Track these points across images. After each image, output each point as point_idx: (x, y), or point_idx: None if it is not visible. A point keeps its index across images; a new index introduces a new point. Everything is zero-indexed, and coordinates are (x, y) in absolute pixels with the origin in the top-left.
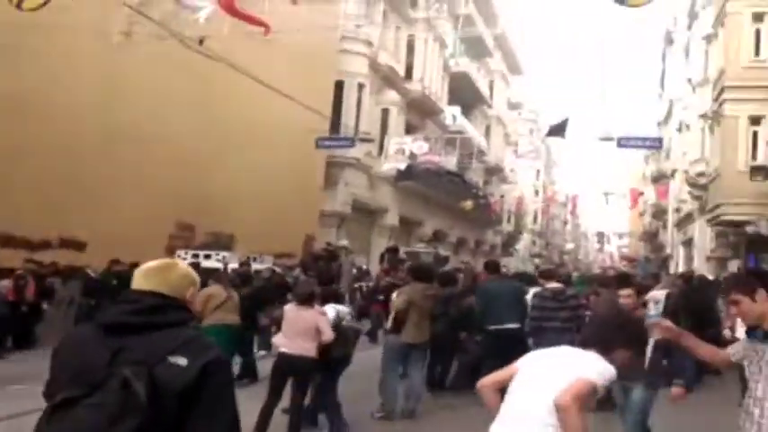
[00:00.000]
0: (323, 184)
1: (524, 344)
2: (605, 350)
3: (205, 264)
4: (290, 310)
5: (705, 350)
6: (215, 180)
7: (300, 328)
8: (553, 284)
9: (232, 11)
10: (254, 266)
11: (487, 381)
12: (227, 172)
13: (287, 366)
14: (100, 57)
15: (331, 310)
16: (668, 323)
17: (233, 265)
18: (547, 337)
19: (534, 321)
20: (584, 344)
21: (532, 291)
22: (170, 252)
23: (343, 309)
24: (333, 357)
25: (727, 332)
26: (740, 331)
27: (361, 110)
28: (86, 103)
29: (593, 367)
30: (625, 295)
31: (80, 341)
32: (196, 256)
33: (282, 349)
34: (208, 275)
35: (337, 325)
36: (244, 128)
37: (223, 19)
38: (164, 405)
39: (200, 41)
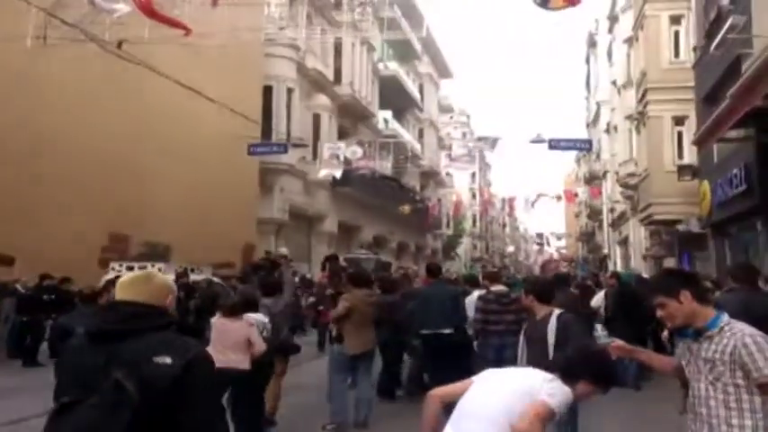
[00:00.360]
0: (258, 192)
1: (465, 348)
2: (569, 380)
3: None
4: (218, 322)
5: (657, 362)
6: (148, 190)
7: (230, 341)
8: (497, 287)
9: (150, 13)
10: (192, 277)
11: (438, 392)
12: (159, 181)
13: (220, 381)
14: (16, 65)
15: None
16: (619, 343)
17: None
18: (491, 341)
19: (478, 324)
20: (549, 366)
21: (476, 293)
22: (103, 265)
23: (261, 318)
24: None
25: (665, 334)
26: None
27: (291, 115)
28: (5, 115)
29: (553, 392)
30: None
31: (76, 349)
32: (131, 268)
33: None
34: None
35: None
36: (174, 135)
37: (144, 22)
38: (153, 401)
39: (119, 44)
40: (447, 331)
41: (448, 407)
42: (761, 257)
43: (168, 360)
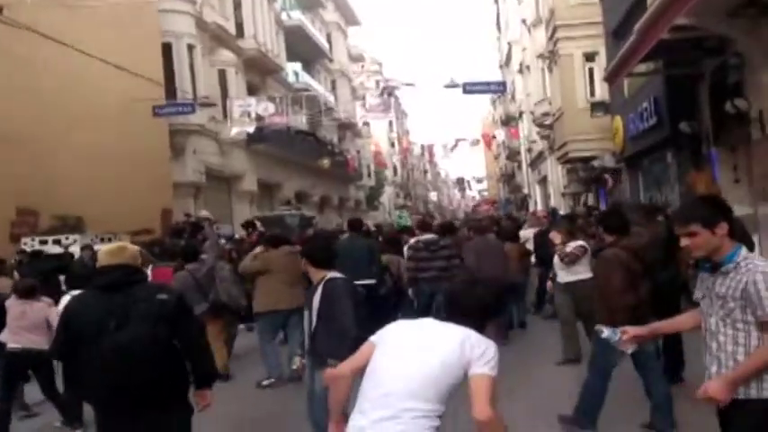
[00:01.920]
0: (170, 154)
1: (390, 299)
2: (482, 326)
3: (54, 249)
4: (12, 304)
5: (667, 326)
6: (52, 162)
7: (28, 323)
8: (427, 236)
9: None
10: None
11: (344, 368)
12: (64, 152)
13: (20, 363)
14: None
15: (65, 299)
16: (634, 331)
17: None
18: (423, 288)
19: (410, 272)
20: (463, 315)
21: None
22: (15, 240)
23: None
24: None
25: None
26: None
27: (195, 73)
28: None
29: (488, 357)
30: None
31: (91, 297)
32: (44, 242)
33: (11, 345)
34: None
35: None
36: (74, 103)
37: None
38: (164, 322)
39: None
40: (366, 282)
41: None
42: (671, 188)
43: (165, 296)
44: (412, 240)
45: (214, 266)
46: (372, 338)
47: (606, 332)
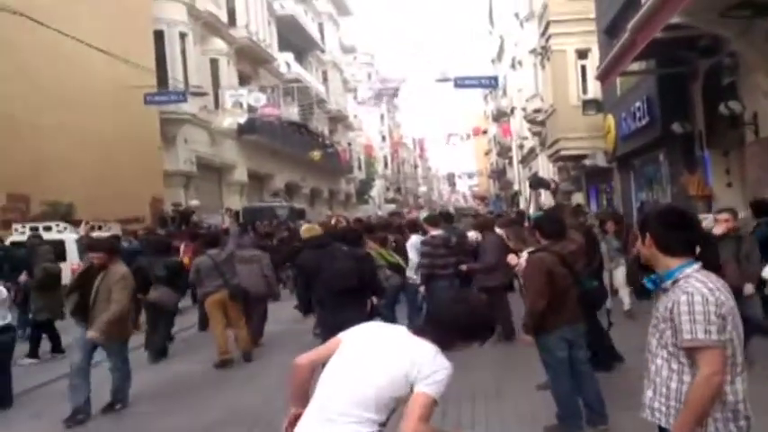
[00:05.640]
0: (160, 143)
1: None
2: (450, 343)
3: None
4: None
5: None
6: (44, 147)
7: None
8: (437, 231)
9: None
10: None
11: (304, 360)
12: (55, 138)
13: None
14: None
15: None
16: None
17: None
18: (440, 283)
19: (425, 269)
20: (433, 328)
21: (414, 237)
22: (6, 226)
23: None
24: None
25: None
26: None
27: (187, 61)
28: None
29: (430, 376)
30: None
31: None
32: (35, 229)
33: None
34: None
35: None
36: (65, 89)
37: None
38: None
39: None
40: None
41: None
42: (663, 189)
43: None
44: (417, 237)
45: (233, 253)
46: (341, 335)
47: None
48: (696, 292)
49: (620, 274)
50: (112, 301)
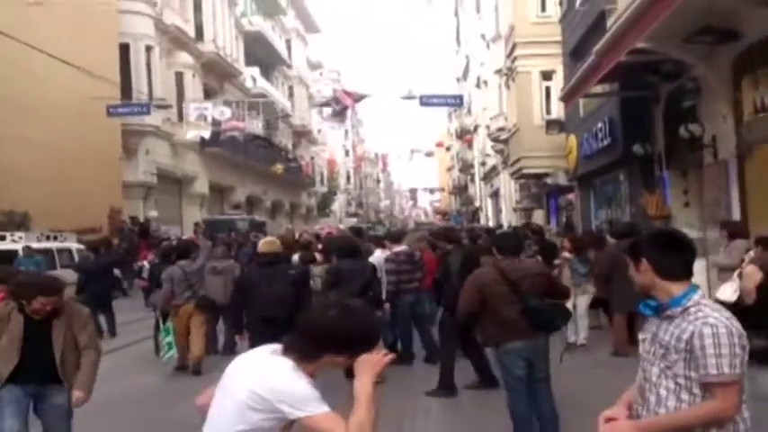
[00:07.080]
0: (122, 154)
1: None
2: (316, 356)
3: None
4: None
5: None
6: (3, 158)
7: None
8: (400, 247)
9: None
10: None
11: (202, 398)
12: (13, 148)
13: None
14: None
15: None
16: None
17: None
18: (406, 299)
19: (391, 285)
20: (299, 335)
21: (378, 253)
22: None
23: None
24: None
25: None
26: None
27: (152, 74)
28: None
29: (290, 402)
30: None
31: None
32: None
33: None
34: None
35: None
36: (26, 99)
37: None
38: None
39: None
40: None
41: None
42: (622, 208)
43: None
44: (381, 252)
45: (203, 265)
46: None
47: None
48: (720, 324)
49: (583, 302)
50: (88, 348)
